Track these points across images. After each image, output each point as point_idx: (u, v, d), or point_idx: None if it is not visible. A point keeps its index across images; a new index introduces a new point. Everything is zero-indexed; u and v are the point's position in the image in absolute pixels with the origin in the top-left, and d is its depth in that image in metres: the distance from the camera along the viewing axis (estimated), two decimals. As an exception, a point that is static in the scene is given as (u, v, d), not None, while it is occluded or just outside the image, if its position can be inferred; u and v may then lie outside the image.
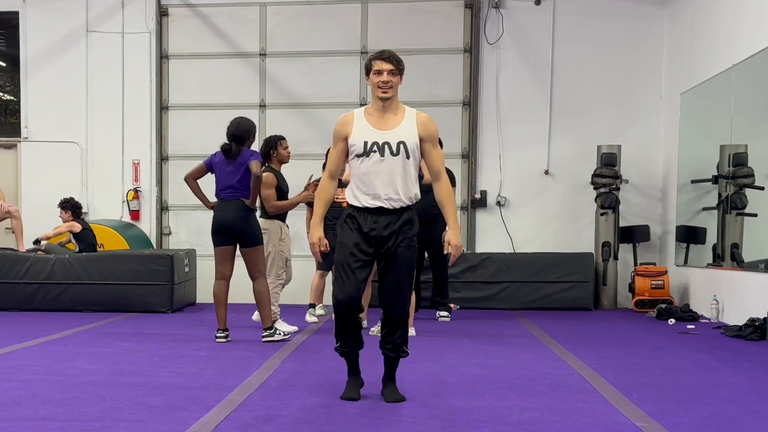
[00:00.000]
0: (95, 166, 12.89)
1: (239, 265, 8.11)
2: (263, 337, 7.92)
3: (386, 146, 5.10)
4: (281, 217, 8.65)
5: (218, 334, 8.01)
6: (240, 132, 7.86)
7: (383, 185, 5.11)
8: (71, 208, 11.23)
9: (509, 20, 12.34)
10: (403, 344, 5.30)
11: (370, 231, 5.15)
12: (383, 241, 5.16)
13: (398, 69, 5.16)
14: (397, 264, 5.17)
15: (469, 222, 12.49)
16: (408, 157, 5.13)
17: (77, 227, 11.11)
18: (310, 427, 4.61)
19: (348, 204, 5.27)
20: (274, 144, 8.62)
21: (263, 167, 8.12)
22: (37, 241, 11.37)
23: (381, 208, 5.14)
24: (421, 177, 9.18)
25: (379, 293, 5.39)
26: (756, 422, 4.76)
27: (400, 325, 5.27)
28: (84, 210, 12.62)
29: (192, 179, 8.14)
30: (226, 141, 7.90)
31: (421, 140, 5.17)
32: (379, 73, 5.12)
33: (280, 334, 7.96)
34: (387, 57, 5.14)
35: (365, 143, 5.11)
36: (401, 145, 5.10)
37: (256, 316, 9.01)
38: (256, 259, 7.91)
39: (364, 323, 8.42)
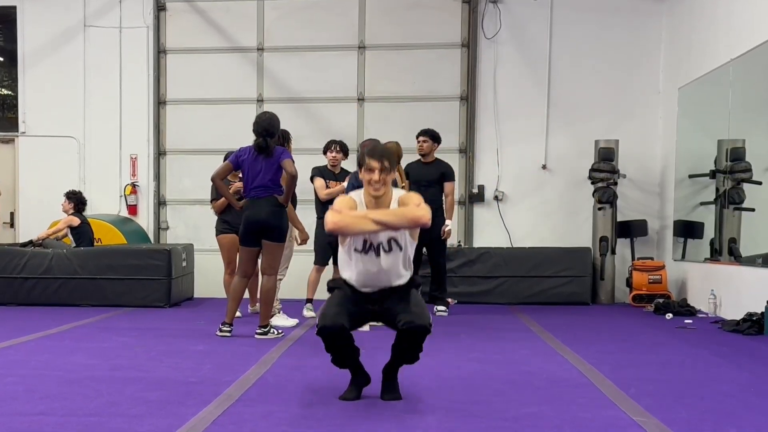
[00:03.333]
0: (93, 160, 12.88)
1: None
2: (257, 334, 7.92)
3: (380, 246, 5.03)
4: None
5: (224, 328, 7.97)
6: (272, 127, 7.77)
7: (380, 280, 5.08)
8: (76, 200, 11.17)
9: (507, 15, 12.33)
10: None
11: (366, 302, 5.13)
12: (381, 302, 5.12)
13: (390, 166, 5.06)
14: (405, 307, 5.02)
15: (467, 217, 12.49)
16: (400, 249, 5.06)
17: (76, 221, 11.09)
18: (307, 422, 4.62)
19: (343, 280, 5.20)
20: (286, 139, 8.61)
21: None
22: (29, 243, 11.30)
23: (381, 290, 5.11)
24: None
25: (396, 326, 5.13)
26: (754, 417, 4.76)
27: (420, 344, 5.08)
28: (82, 205, 12.69)
29: (220, 179, 8.03)
30: (257, 137, 7.75)
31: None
32: (371, 170, 5.02)
33: (273, 333, 7.96)
34: (378, 156, 5.03)
35: (365, 241, 5.04)
36: (392, 242, 5.04)
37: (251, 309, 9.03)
38: (275, 255, 7.88)
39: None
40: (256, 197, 7.79)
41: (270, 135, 7.76)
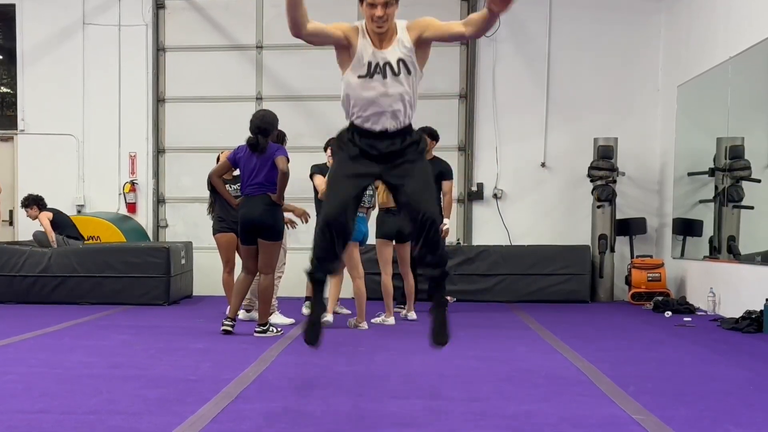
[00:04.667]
0: (92, 158, 12.88)
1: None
2: (255, 332, 7.91)
3: (387, 66, 4.75)
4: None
5: (226, 322, 7.95)
6: (266, 124, 7.72)
7: (383, 107, 4.78)
8: (34, 202, 11.02)
9: (506, 13, 12.30)
10: (445, 257, 4.77)
11: (370, 149, 4.76)
12: (384, 158, 4.75)
13: None
14: (412, 178, 4.69)
15: (466, 214, 12.49)
16: (409, 72, 4.81)
17: (50, 215, 10.98)
18: (306, 420, 4.62)
19: (350, 126, 4.86)
20: (282, 139, 8.59)
21: None
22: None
23: (385, 131, 4.80)
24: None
25: (407, 214, 4.79)
26: (752, 414, 4.77)
27: (436, 239, 4.71)
28: (80, 203, 12.70)
29: (218, 177, 8.06)
30: (251, 134, 7.71)
31: (418, 40, 4.78)
32: (373, 5, 4.64)
33: (272, 330, 7.95)
34: None
35: (369, 63, 4.75)
36: (401, 63, 4.79)
37: (243, 314, 8.99)
38: (272, 253, 7.85)
39: (329, 317, 8.36)
40: (250, 195, 7.77)
41: (263, 132, 7.70)
